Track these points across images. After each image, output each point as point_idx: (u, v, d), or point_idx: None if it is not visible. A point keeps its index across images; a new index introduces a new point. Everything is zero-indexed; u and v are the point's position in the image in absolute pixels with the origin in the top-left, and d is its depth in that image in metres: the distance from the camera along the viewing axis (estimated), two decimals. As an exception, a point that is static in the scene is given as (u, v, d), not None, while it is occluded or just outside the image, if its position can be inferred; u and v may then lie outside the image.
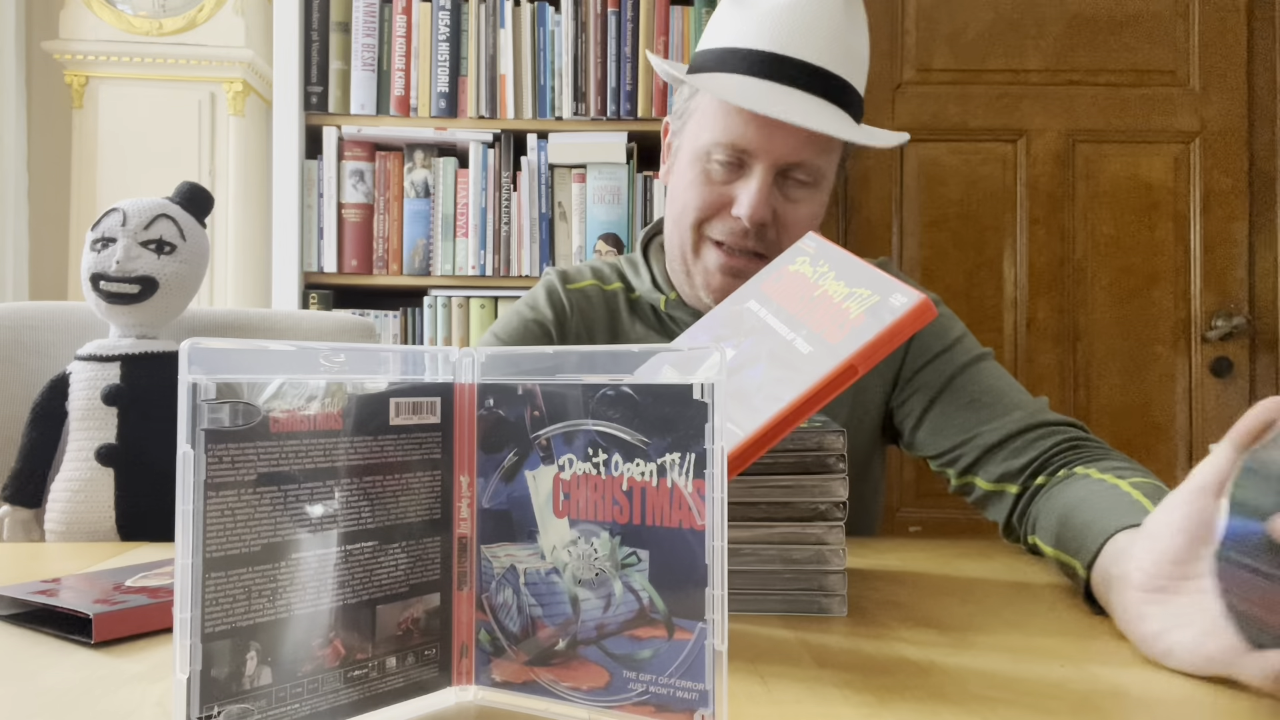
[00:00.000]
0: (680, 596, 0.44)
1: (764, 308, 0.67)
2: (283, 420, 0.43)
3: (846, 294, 0.62)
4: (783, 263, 0.71)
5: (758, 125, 0.91)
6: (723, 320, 0.69)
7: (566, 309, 1.08)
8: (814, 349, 0.59)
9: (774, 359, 0.61)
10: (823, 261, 0.68)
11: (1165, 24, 2.46)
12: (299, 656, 0.43)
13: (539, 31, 2.14)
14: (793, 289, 0.67)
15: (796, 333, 0.62)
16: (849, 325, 0.59)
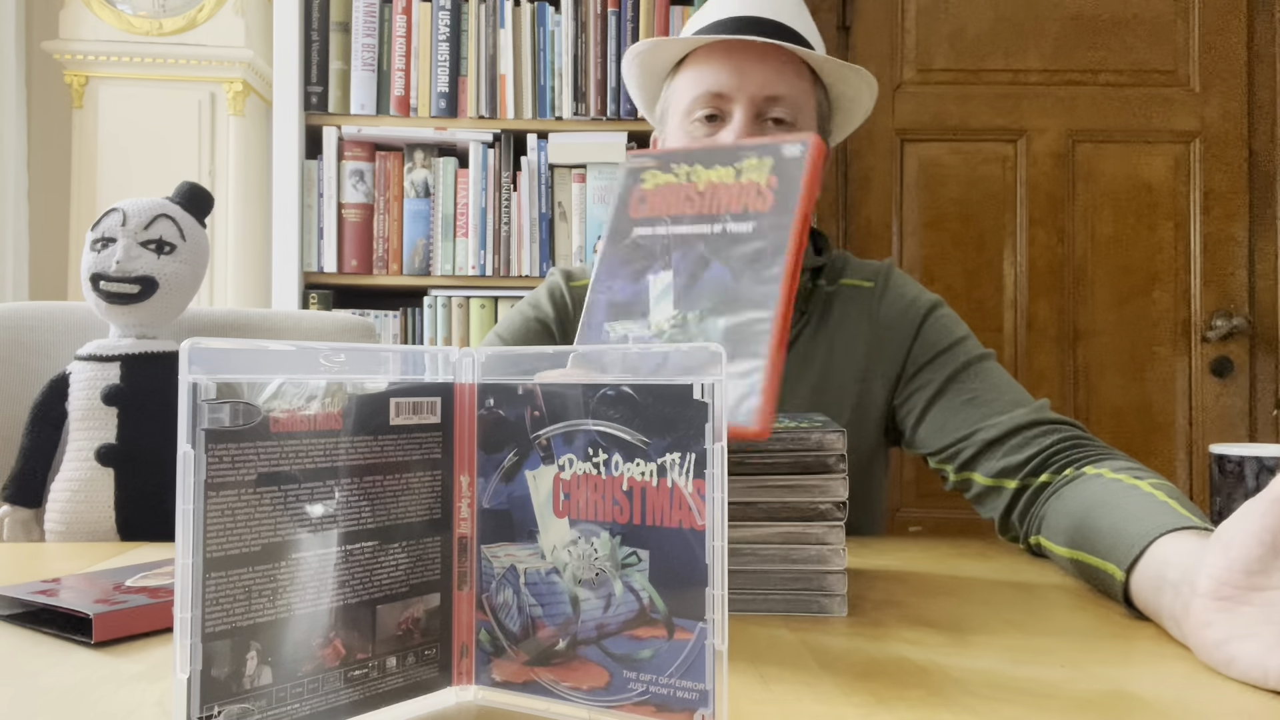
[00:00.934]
0: (680, 596, 0.44)
1: (656, 227, 0.64)
2: (283, 420, 0.43)
3: (734, 173, 0.62)
4: (629, 188, 0.67)
5: (729, 68, 0.98)
6: (621, 259, 0.65)
7: (569, 307, 1.09)
8: (755, 223, 0.60)
9: (721, 252, 0.60)
10: (673, 165, 0.65)
11: (1165, 24, 2.46)
12: (299, 656, 0.43)
13: (539, 31, 2.14)
14: (670, 198, 0.64)
15: (719, 224, 0.61)
16: (767, 191, 0.60)
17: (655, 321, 0.61)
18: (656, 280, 0.62)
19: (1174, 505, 0.69)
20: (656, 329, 0.61)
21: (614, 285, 0.64)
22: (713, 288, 0.59)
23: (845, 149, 2.49)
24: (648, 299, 0.62)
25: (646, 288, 0.62)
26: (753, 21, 0.99)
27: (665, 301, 0.61)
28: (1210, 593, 0.56)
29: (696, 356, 0.44)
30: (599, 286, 0.64)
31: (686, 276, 0.61)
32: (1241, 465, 0.79)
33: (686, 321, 0.59)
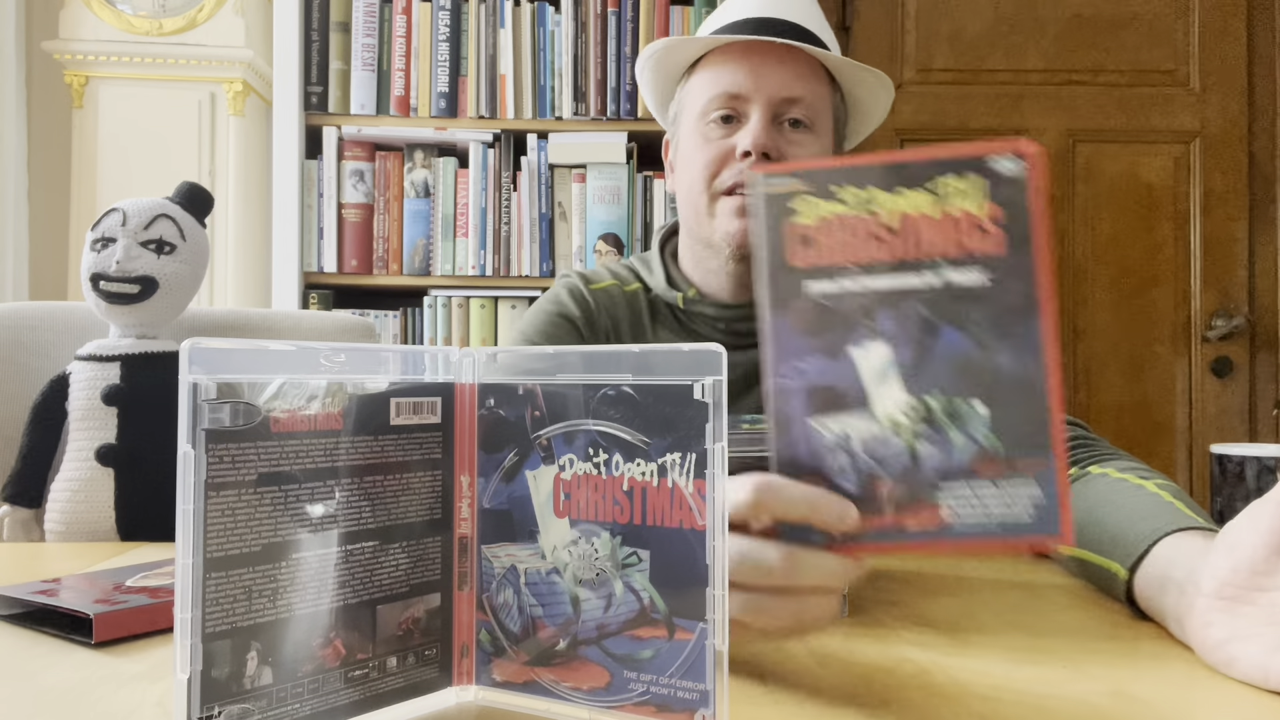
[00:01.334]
0: (681, 596, 0.44)
1: (842, 281, 0.49)
2: (283, 420, 0.43)
3: (931, 200, 0.48)
4: (778, 222, 0.50)
5: (747, 68, 0.97)
6: (801, 329, 0.49)
7: (593, 308, 1.07)
8: (988, 272, 0.47)
9: (950, 313, 0.47)
10: (832, 188, 0.50)
11: (1165, 24, 2.46)
12: (299, 656, 0.43)
13: (539, 31, 2.14)
14: (848, 238, 0.49)
15: (936, 273, 0.48)
16: (990, 226, 0.48)
17: (885, 412, 0.48)
18: (865, 355, 0.48)
19: (1179, 506, 0.69)
20: (891, 422, 0.47)
21: (803, 366, 0.49)
22: (953, 362, 0.47)
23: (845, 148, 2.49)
24: (860, 381, 0.48)
25: (853, 366, 0.48)
26: (770, 23, 0.98)
27: (889, 384, 0.48)
28: (1214, 593, 0.56)
29: (697, 355, 0.44)
30: (781, 369, 0.49)
31: (911, 348, 0.48)
32: (1242, 465, 0.79)
33: (931, 411, 0.47)
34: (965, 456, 0.47)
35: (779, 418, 0.49)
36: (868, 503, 0.47)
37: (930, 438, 0.47)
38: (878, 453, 0.47)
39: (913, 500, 0.47)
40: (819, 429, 0.48)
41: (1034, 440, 0.46)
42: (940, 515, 0.47)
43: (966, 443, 0.47)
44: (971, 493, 0.46)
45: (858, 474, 0.48)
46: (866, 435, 0.48)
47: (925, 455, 0.47)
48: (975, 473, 0.46)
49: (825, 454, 0.48)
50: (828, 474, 0.48)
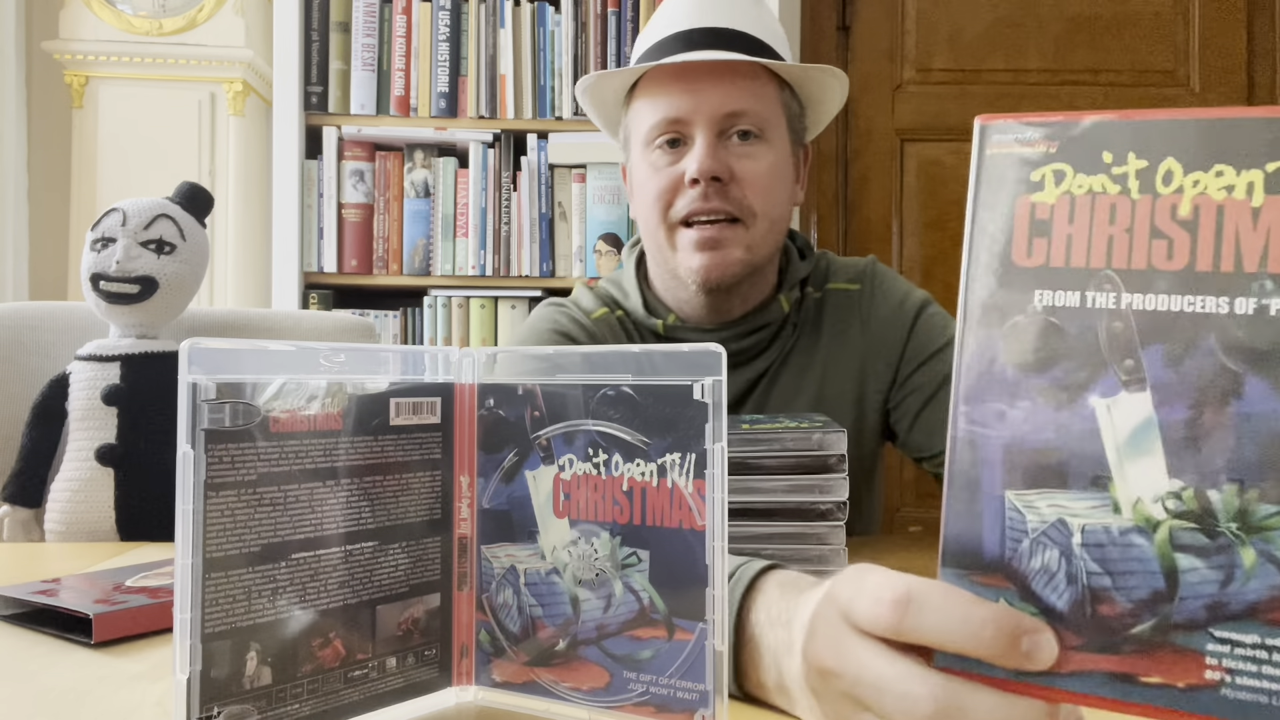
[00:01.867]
0: (680, 597, 0.44)
1: (1093, 292, 0.34)
2: (283, 420, 0.43)
3: (1263, 181, 0.31)
4: (1011, 197, 0.35)
5: (683, 90, 0.93)
6: (1016, 353, 0.34)
7: (597, 337, 1.03)
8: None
9: (1265, 361, 0.31)
10: (1104, 154, 0.34)
11: (1165, 24, 2.46)
12: (299, 657, 0.43)
13: (539, 31, 2.14)
14: (1112, 230, 0.33)
15: (1249, 296, 0.31)
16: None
17: (1131, 497, 0.33)
18: (1113, 408, 0.33)
19: None
20: (1139, 517, 0.32)
21: (1009, 411, 0.34)
22: (1261, 439, 0.31)
23: (845, 149, 2.49)
24: (1099, 444, 0.33)
25: (1090, 421, 0.33)
26: (703, 34, 0.93)
27: (1147, 457, 0.32)
28: None
29: (697, 355, 0.44)
30: (974, 412, 0.35)
31: (1190, 407, 0.32)
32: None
33: (1212, 509, 0.32)
34: (1260, 590, 0.31)
35: (958, 480, 0.35)
36: (1082, 629, 0.33)
37: (1202, 550, 0.31)
38: (1110, 558, 0.33)
39: (1159, 641, 0.32)
40: (1019, 507, 0.34)
41: None
42: (1202, 672, 0.31)
43: (1264, 567, 0.31)
44: (1263, 648, 0.31)
45: (1072, 584, 0.33)
46: (1097, 529, 0.33)
47: (1190, 577, 0.32)
48: (1273, 619, 0.31)
49: (1025, 545, 0.34)
50: (1023, 576, 0.34)
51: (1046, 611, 0.33)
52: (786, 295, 1.01)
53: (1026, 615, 0.33)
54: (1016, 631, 0.33)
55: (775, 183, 0.95)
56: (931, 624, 0.34)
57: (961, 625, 0.33)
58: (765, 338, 1.01)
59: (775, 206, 0.95)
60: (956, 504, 0.35)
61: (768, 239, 0.95)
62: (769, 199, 0.94)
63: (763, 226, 0.94)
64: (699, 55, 0.92)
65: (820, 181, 2.50)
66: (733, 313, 1.00)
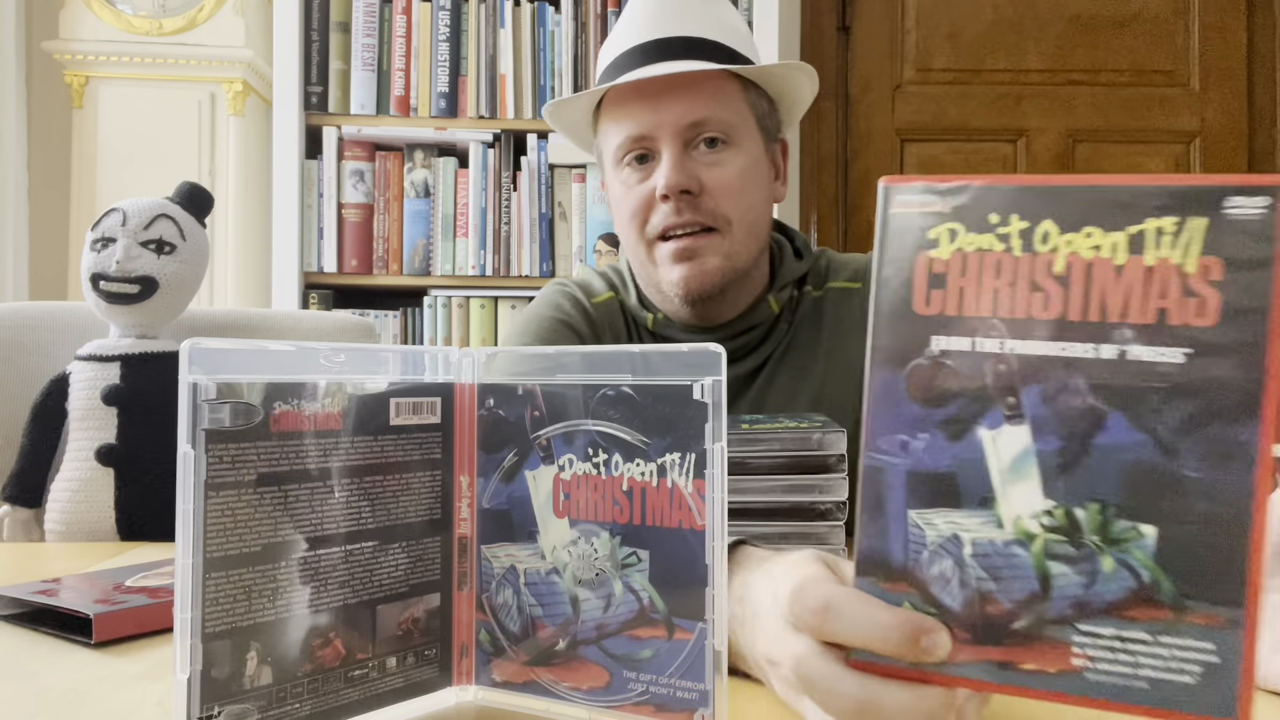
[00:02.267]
0: (680, 596, 0.44)
1: (982, 339, 0.38)
2: (283, 420, 0.43)
3: (1127, 243, 0.36)
4: (911, 254, 0.39)
5: (644, 106, 0.92)
6: (915, 394, 0.39)
7: (597, 323, 1.04)
8: (1190, 351, 0.35)
9: (1127, 401, 0.36)
10: (990, 216, 0.38)
11: (1165, 24, 2.46)
12: (299, 656, 0.43)
13: (539, 31, 2.14)
14: (999, 284, 0.38)
15: (1113, 344, 0.36)
16: (1204, 286, 0.35)
17: (1012, 514, 0.37)
18: (998, 439, 0.38)
19: None
20: (1019, 531, 0.37)
21: (911, 442, 0.39)
22: (1119, 466, 0.36)
23: (845, 149, 2.49)
24: (986, 471, 0.38)
25: (979, 450, 0.38)
26: (659, 45, 0.93)
27: (1025, 481, 0.37)
28: None
29: (696, 355, 0.44)
30: (880, 442, 0.39)
31: (1062, 439, 0.37)
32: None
33: (1078, 525, 0.37)
34: (1116, 591, 0.36)
35: (869, 502, 0.39)
36: (972, 626, 0.38)
37: (1071, 559, 0.37)
38: (996, 567, 0.37)
39: (1036, 635, 0.37)
40: (919, 524, 0.39)
41: (1219, 587, 0.35)
42: (1069, 659, 0.37)
43: (1119, 573, 0.36)
44: (1118, 639, 0.36)
45: (964, 588, 0.38)
46: (984, 542, 0.38)
47: (1061, 581, 0.37)
48: (1127, 615, 0.36)
49: (925, 556, 0.39)
50: (923, 582, 0.38)
51: (943, 611, 0.39)
52: (776, 295, 1.01)
53: (926, 616, 0.38)
54: (918, 631, 0.38)
55: (747, 187, 0.94)
56: (847, 628, 0.39)
57: (873, 628, 0.38)
58: (755, 338, 1.01)
59: (750, 210, 0.94)
60: (867, 522, 0.40)
61: (747, 244, 0.95)
62: (742, 204, 0.94)
63: (739, 232, 0.94)
64: (654, 70, 0.91)
65: (820, 181, 2.50)
66: (721, 317, 1.00)
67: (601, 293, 1.06)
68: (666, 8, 0.94)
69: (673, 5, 0.94)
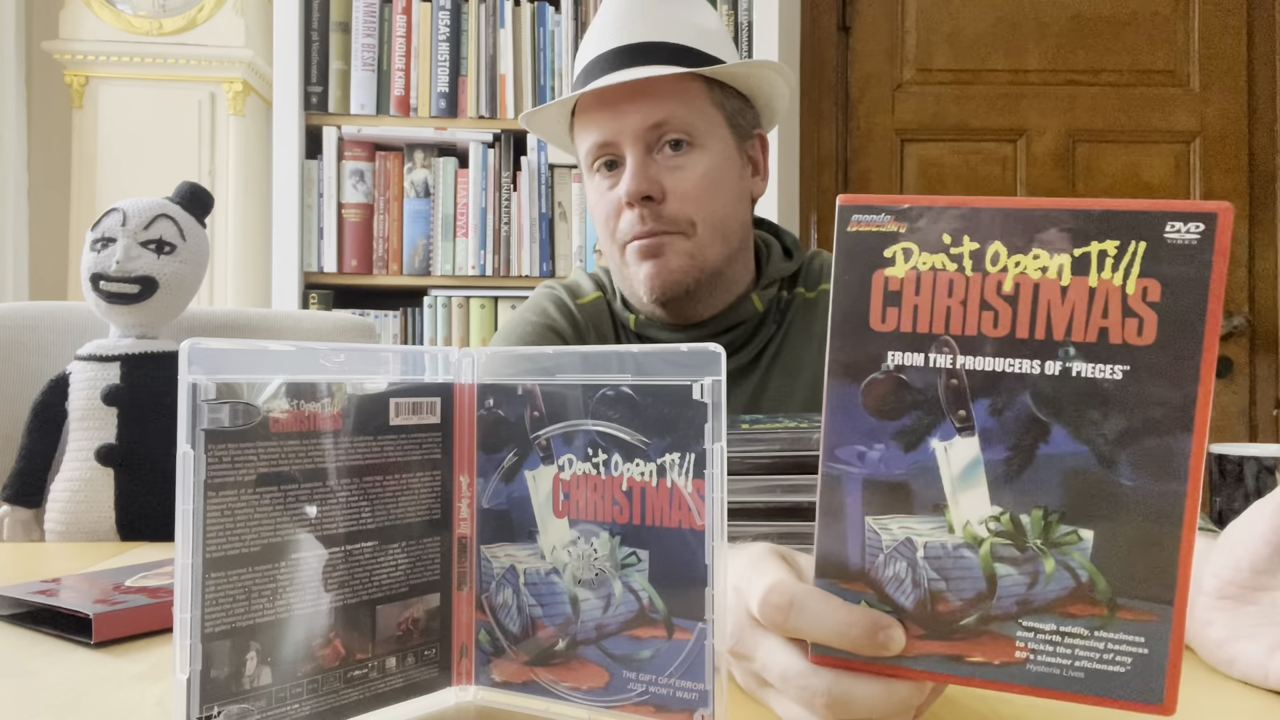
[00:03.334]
0: (680, 596, 0.44)
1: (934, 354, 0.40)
2: (283, 420, 0.43)
3: (1070, 265, 0.38)
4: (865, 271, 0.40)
5: (607, 113, 0.94)
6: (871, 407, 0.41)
7: (582, 325, 1.05)
8: (1128, 369, 0.37)
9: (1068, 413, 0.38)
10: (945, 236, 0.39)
11: (1165, 24, 2.46)
12: (299, 656, 0.43)
13: (539, 31, 2.14)
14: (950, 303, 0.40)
15: (1057, 361, 0.38)
16: (1142, 306, 0.37)
17: (961, 519, 0.40)
18: (950, 449, 0.40)
19: None
20: (968, 535, 0.40)
21: (868, 452, 0.41)
22: (1060, 474, 0.39)
23: (845, 149, 2.49)
24: (938, 478, 0.40)
25: (931, 460, 0.40)
26: (620, 53, 0.94)
27: (974, 489, 0.40)
28: (1215, 592, 0.56)
29: (696, 355, 0.44)
30: (838, 451, 0.41)
31: (1008, 449, 0.39)
32: (1241, 465, 0.79)
33: (1021, 529, 0.39)
34: (1056, 590, 0.39)
35: (827, 508, 0.41)
36: (924, 622, 0.40)
37: (1014, 561, 0.39)
38: (945, 568, 0.40)
39: (981, 630, 0.40)
40: (875, 528, 0.41)
41: (1149, 587, 0.38)
42: (1013, 652, 0.39)
43: (1060, 573, 0.39)
44: (1057, 634, 0.39)
45: (916, 588, 0.40)
46: (934, 545, 0.40)
47: (1005, 581, 0.39)
48: (1066, 612, 0.39)
49: (880, 558, 0.41)
50: (879, 583, 0.41)
51: (897, 609, 0.41)
52: (760, 294, 1.01)
53: (882, 614, 0.41)
54: (875, 628, 0.40)
55: (712, 188, 0.94)
56: (810, 624, 0.41)
57: (834, 624, 0.41)
58: (740, 336, 1.01)
59: (715, 211, 0.95)
60: (826, 528, 0.42)
61: (714, 244, 0.95)
62: (707, 206, 0.94)
63: (705, 234, 0.94)
64: (610, 79, 0.92)
65: (820, 181, 2.50)
66: (698, 316, 1.00)
67: (588, 293, 1.07)
68: (629, 14, 0.95)
69: (635, 11, 0.95)
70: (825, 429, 0.41)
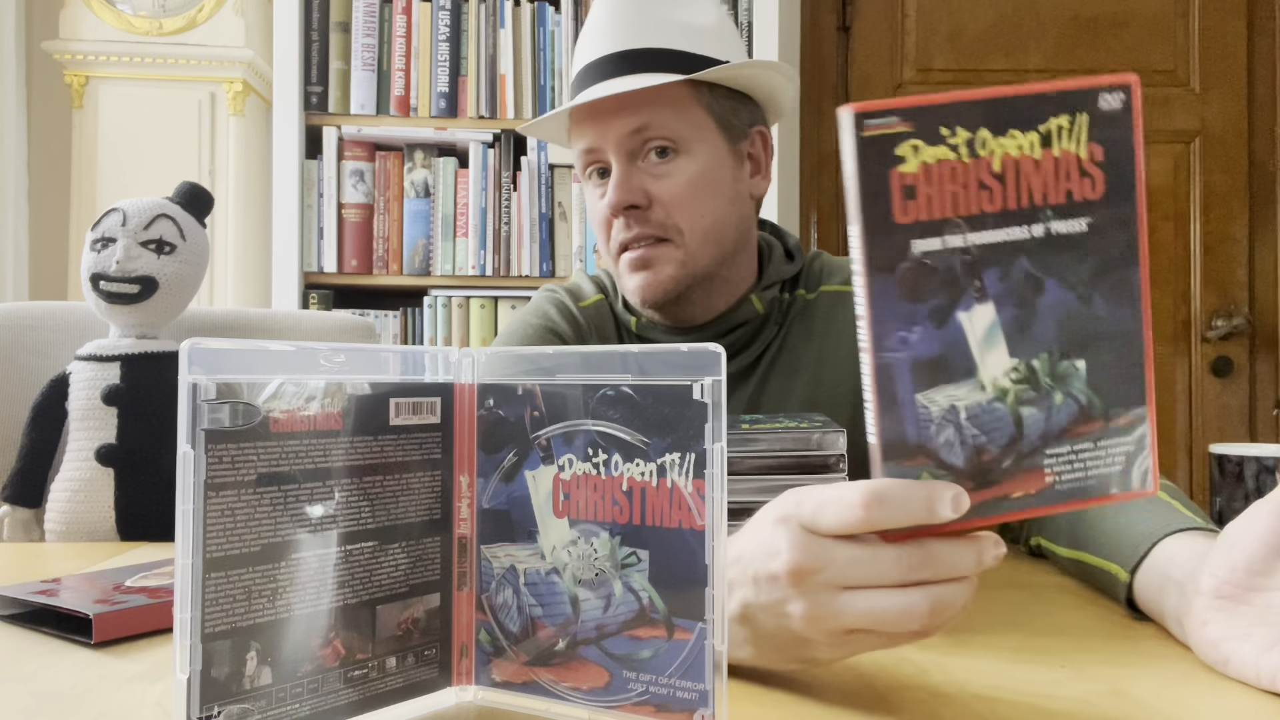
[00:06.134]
0: (680, 596, 0.44)
1: (948, 237, 0.45)
2: (283, 420, 0.43)
3: (1039, 140, 0.45)
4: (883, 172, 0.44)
5: (591, 121, 0.94)
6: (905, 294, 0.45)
7: (584, 327, 1.05)
8: (1089, 220, 0.45)
9: (1053, 266, 0.45)
10: (941, 129, 0.45)
11: (1165, 24, 2.46)
12: (299, 656, 0.43)
13: (539, 31, 2.14)
14: (955, 187, 0.45)
15: (1040, 224, 0.45)
16: (1092, 168, 0.45)
17: (990, 377, 0.45)
18: (972, 319, 0.45)
19: (1177, 506, 0.69)
20: (995, 389, 0.45)
21: (909, 337, 0.45)
22: (1056, 319, 0.45)
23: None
24: (968, 348, 0.45)
25: (960, 332, 0.45)
26: (604, 62, 0.93)
27: (995, 348, 0.45)
28: (1212, 591, 0.56)
29: (697, 356, 0.44)
30: (886, 342, 0.44)
31: (1014, 307, 0.45)
32: (1241, 465, 0.79)
33: (1035, 373, 0.45)
34: (1066, 417, 0.46)
35: (884, 397, 0.45)
36: (973, 476, 0.45)
37: (1033, 401, 0.45)
38: (984, 422, 0.45)
39: (1018, 468, 0.46)
40: (924, 404, 0.45)
41: (1129, 394, 0.46)
42: (1043, 479, 0.46)
43: (1067, 402, 0.46)
44: (1072, 453, 0.46)
45: (964, 448, 0.45)
46: (972, 405, 0.45)
47: (1029, 420, 0.45)
48: (1075, 433, 0.46)
49: (932, 430, 0.45)
50: (935, 452, 0.45)
51: (952, 471, 0.45)
52: (760, 295, 1.01)
53: (948, 482, 0.44)
54: (949, 496, 0.44)
55: (700, 193, 0.94)
56: (898, 509, 0.44)
57: (921, 503, 0.44)
58: (741, 337, 1.01)
59: (704, 216, 0.94)
60: (885, 413, 0.45)
61: (704, 249, 0.95)
62: (695, 211, 0.93)
63: (694, 240, 0.94)
64: (595, 90, 0.92)
65: (820, 181, 2.50)
66: (695, 319, 1.00)
67: (590, 296, 1.07)
68: (616, 18, 0.95)
69: (621, 15, 0.95)
70: (870, 322, 0.44)
